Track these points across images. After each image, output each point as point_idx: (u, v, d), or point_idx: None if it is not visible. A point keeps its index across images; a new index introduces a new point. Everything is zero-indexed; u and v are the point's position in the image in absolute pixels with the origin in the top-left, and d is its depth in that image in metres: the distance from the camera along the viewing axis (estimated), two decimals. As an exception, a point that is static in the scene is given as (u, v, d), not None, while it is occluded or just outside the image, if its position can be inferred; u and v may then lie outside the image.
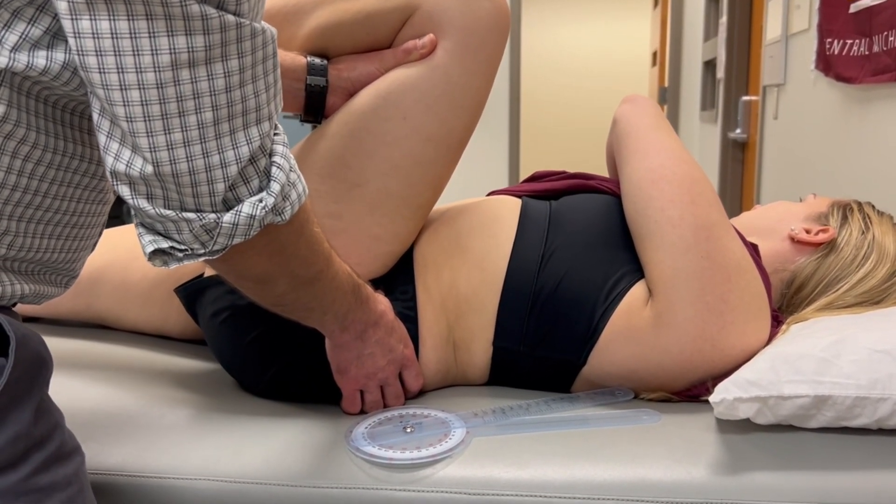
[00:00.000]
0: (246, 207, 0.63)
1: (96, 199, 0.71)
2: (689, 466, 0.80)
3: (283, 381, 0.97)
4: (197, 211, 0.62)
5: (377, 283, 0.98)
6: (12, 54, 0.58)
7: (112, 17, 0.54)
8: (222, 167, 0.61)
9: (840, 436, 0.82)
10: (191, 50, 0.56)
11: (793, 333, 0.91)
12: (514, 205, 1.07)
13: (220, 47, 0.58)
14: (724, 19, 3.41)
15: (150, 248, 0.64)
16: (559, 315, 0.96)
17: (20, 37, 0.58)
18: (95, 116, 0.59)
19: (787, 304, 1.04)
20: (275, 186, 0.64)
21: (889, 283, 0.99)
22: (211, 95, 0.58)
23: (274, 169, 0.65)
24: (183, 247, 0.64)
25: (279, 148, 0.66)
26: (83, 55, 0.55)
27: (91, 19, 0.54)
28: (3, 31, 0.57)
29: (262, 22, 0.62)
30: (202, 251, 0.65)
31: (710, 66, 3.98)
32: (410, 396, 0.98)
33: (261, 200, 0.64)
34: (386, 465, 0.81)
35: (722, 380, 0.84)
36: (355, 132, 0.94)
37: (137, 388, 1.01)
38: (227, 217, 0.63)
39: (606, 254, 0.98)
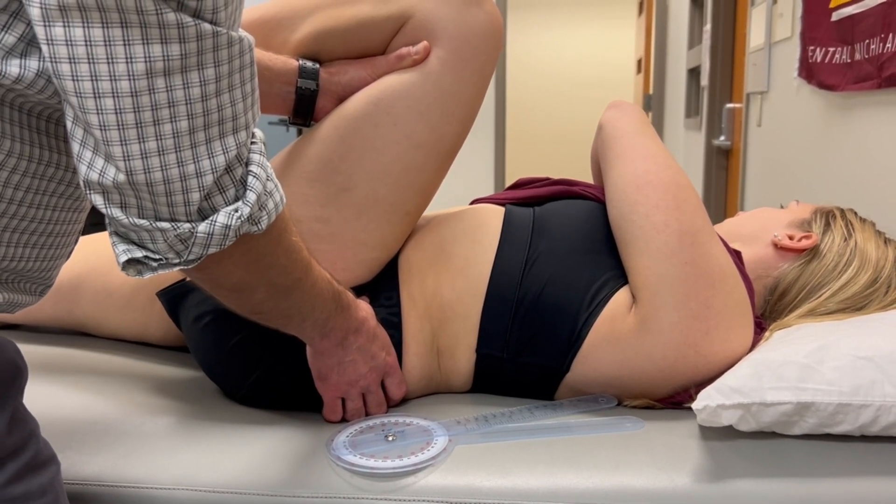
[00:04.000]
0: (221, 217, 0.62)
1: (72, 207, 0.70)
2: (672, 474, 0.79)
3: (266, 387, 0.96)
4: (171, 220, 0.61)
5: (361, 290, 0.97)
6: None
7: (86, 25, 0.53)
8: (198, 176, 0.60)
9: (823, 442, 0.82)
10: (166, 58, 0.55)
11: (775, 340, 0.91)
12: (497, 212, 1.07)
13: (197, 56, 0.57)
14: (708, 27, 3.43)
15: (123, 258, 0.63)
16: (542, 321, 0.95)
17: None
18: (69, 124, 0.59)
19: (770, 311, 1.04)
20: (250, 196, 0.64)
21: (871, 289, 1.00)
22: (186, 104, 0.58)
23: (250, 178, 0.64)
24: (157, 256, 0.63)
25: (256, 157, 0.65)
26: (56, 62, 0.54)
27: (65, 26, 0.53)
28: None
29: (241, 30, 0.61)
30: (177, 261, 0.64)
31: (694, 73, 4.00)
32: (393, 404, 0.97)
33: (236, 210, 0.63)
34: (367, 473, 0.80)
35: (705, 387, 0.84)
36: (345, 136, 0.94)
37: (116, 395, 1.00)
38: (202, 227, 0.62)
39: (590, 260, 0.98)
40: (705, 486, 0.78)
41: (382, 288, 0.99)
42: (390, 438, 0.86)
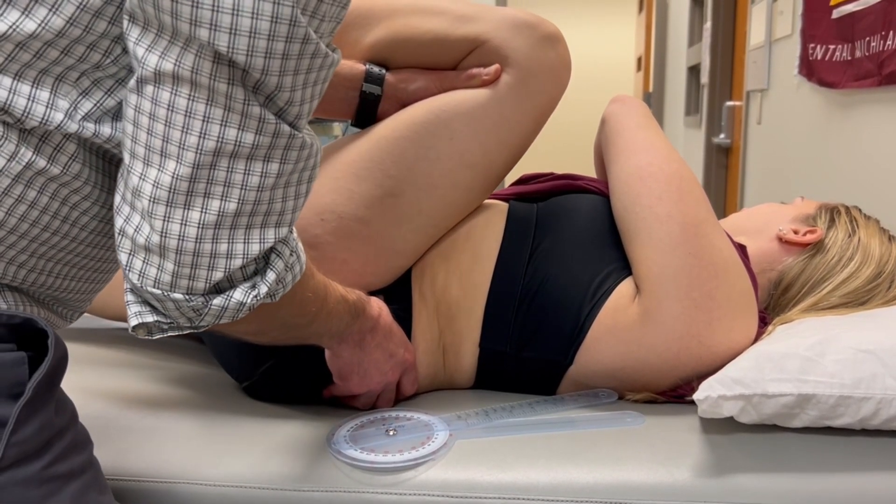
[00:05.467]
0: (237, 294, 0.62)
1: None
2: (673, 468, 0.79)
3: (276, 378, 0.96)
4: (187, 293, 0.61)
5: (375, 290, 0.97)
6: (83, 122, 0.59)
7: (174, 92, 0.56)
8: (227, 258, 0.60)
9: (823, 437, 0.82)
10: (238, 143, 0.58)
11: (778, 333, 0.91)
12: (501, 208, 1.07)
13: (267, 150, 0.59)
14: (708, 25, 3.43)
15: (134, 322, 0.63)
16: (546, 314, 0.95)
17: (95, 105, 0.60)
18: (119, 177, 0.60)
19: (773, 305, 1.04)
20: (270, 276, 0.64)
21: (873, 284, 1.00)
22: (242, 189, 0.59)
23: (272, 256, 0.64)
24: (168, 321, 0.63)
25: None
26: (138, 112, 0.57)
27: (155, 86, 0.56)
28: (80, 98, 0.59)
29: (312, 134, 0.63)
30: (188, 326, 0.64)
31: (694, 71, 4.00)
32: (400, 400, 0.97)
33: (253, 287, 0.63)
34: (368, 468, 0.80)
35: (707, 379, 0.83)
36: (400, 140, 0.94)
37: (116, 389, 1.00)
38: (217, 301, 0.62)
39: (593, 252, 0.98)
40: (705, 480, 0.78)
41: (395, 286, 0.99)
42: (391, 433, 0.86)
